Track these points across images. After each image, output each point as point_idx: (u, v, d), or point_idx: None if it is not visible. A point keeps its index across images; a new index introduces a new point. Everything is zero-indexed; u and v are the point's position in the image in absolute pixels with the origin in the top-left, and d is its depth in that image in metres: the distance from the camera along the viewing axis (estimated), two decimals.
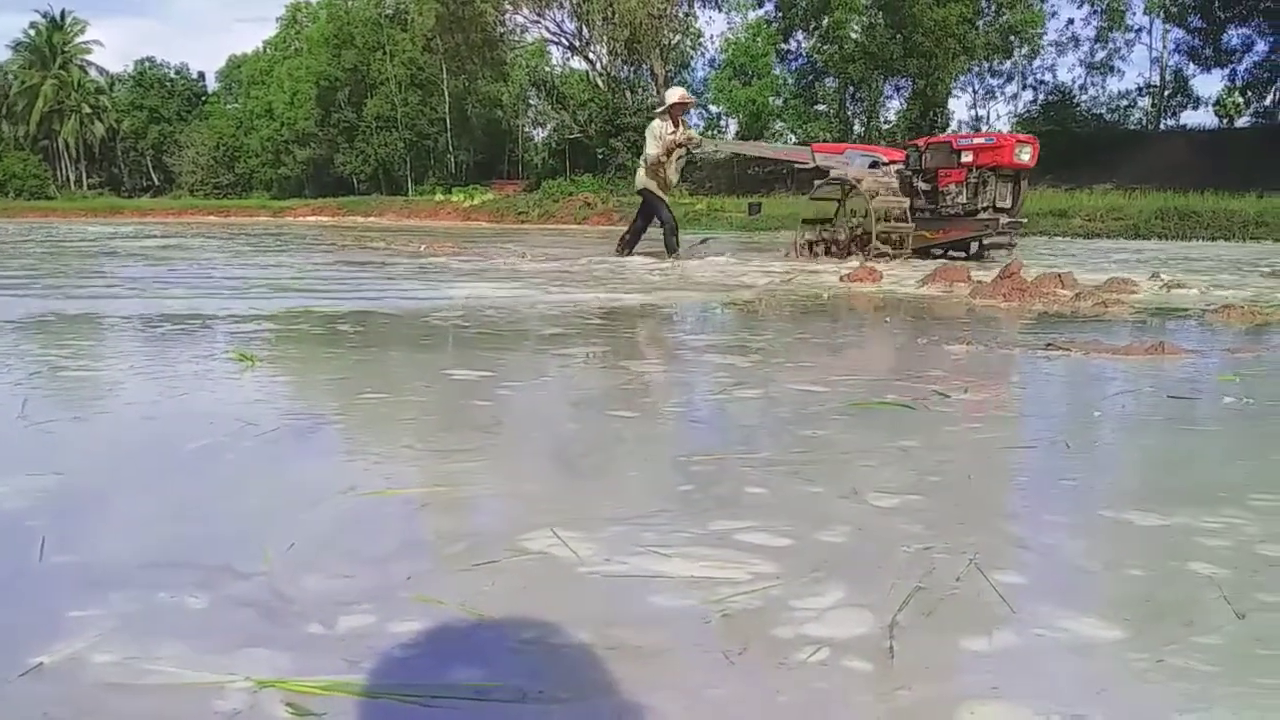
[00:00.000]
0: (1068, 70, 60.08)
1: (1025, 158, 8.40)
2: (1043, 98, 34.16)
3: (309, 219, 35.86)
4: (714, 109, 42.02)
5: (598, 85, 38.38)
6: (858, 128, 33.94)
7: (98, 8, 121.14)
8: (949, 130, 31.42)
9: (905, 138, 27.49)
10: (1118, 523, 1.52)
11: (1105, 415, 2.45)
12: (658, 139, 9.03)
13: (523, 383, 2.91)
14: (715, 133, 38.83)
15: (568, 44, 38.50)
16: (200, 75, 69.79)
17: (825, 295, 5.86)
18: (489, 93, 42.73)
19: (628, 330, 4.23)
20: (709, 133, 36.69)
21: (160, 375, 2.90)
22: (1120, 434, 2.26)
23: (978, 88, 35.13)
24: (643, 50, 34.88)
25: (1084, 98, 33.85)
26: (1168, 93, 32.46)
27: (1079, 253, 11.32)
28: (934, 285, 6.23)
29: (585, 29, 36.86)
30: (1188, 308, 5.10)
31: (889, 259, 8.34)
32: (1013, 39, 32.14)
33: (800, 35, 35.41)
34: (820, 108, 35.91)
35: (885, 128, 32.84)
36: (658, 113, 9.45)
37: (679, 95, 9.29)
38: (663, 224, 9.31)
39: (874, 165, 9.20)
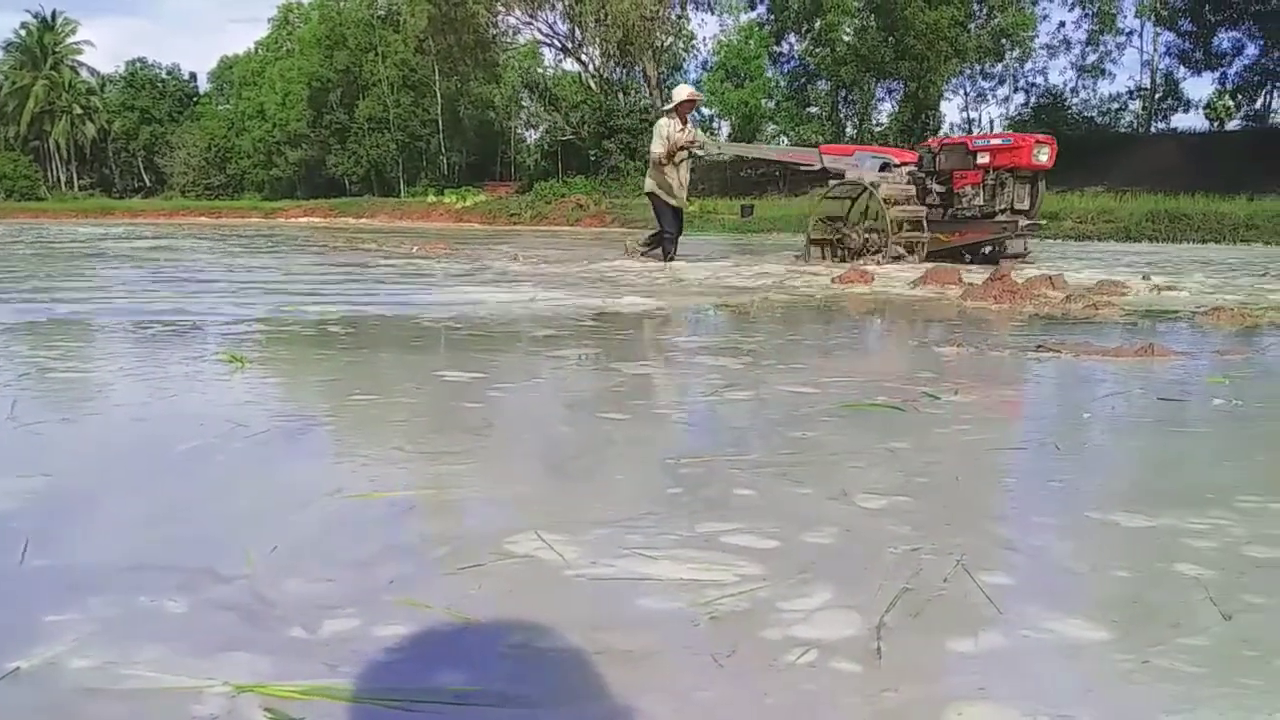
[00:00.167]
0: (1059, 73, 60.35)
1: (1044, 158, 8.25)
2: (1034, 100, 34.27)
3: (301, 220, 35.77)
4: (707, 111, 42.07)
5: (590, 87, 38.35)
6: (850, 130, 33.98)
7: (89, 8, 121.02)
8: (941, 132, 31.49)
9: (897, 141, 27.55)
10: (1105, 524, 1.52)
11: (1095, 417, 2.46)
12: (664, 138, 8.83)
13: (514, 384, 2.91)
14: (711, 134, 38.83)
15: (560, 46, 38.49)
16: (192, 76, 69.55)
17: (817, 297, 5.87)
18: (481, 94, 42.66)
19: (619, 332, 4.22)
20: (708, 134, 36.66)
21: (150, 377, 2.89)
22: (1109, 436, 2.27)
23: (969, 90, 35.22)
24: (635, 52, 34.87)
25: (1075, 101, 33.98)
26: (1158, 96, 32.54)
27: (1070, 254, 11.36)
28: (926, 287, 6.25)
29: (578, 31, 36.85)
30: (1178, 310, 5.12)
31: (901, 261, 8.19)
32: (1004, 42, 32.19)
33: (792, 38, 35.46)
34: (812, 110, 35.96)
35: (877, 130, 32.88)
36: (665, 110, 9.26)
37: (688, 93, 9.13)
38: (662, 230, 9.25)
39: (884, 167, 8.98)
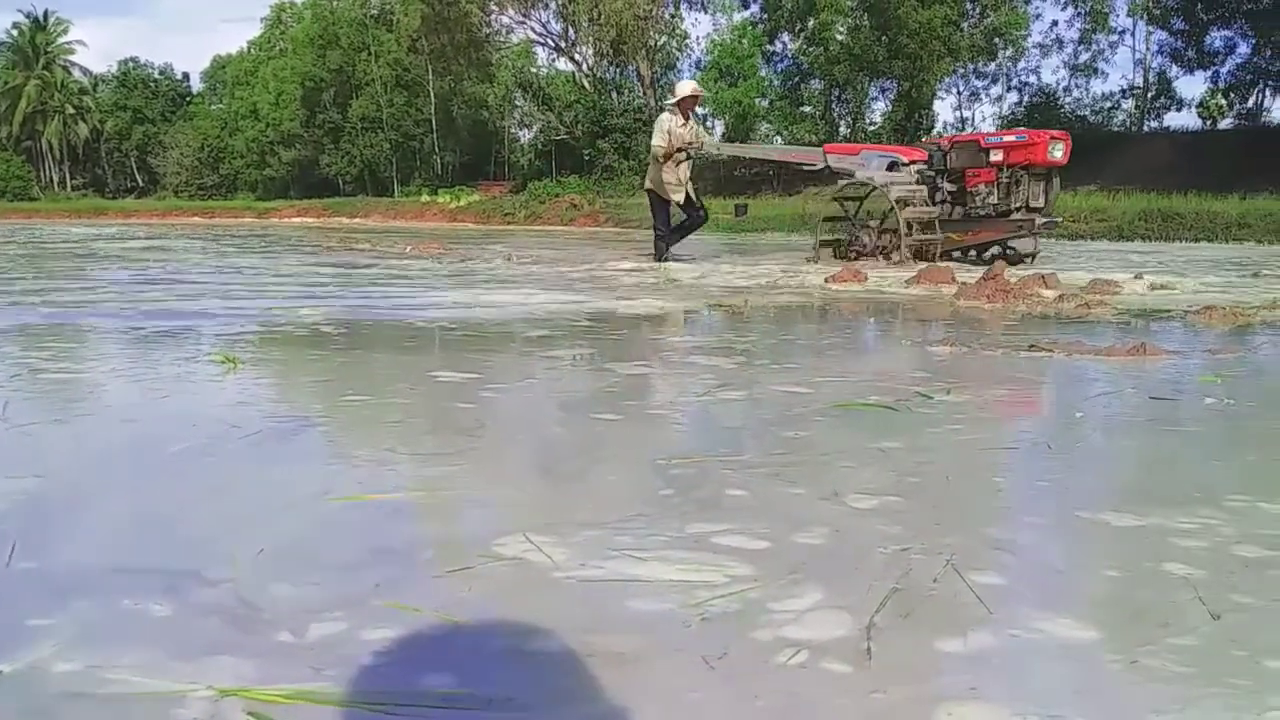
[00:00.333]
0: (1051, 72, 60.65)
1: (1059, 155, 8.09)
2: (1027, 99, 34.28)
3: (294, 220, 35.65)
4: (700, 110, 41.96)
5: (584, 86, 38.28)
6: (843, 129, 33.99)
7: (81, 7, 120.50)
8: (934, 132, 31.52)
9: (890, 140, 27.55)
10: (1095, 524, 1.53)
11: (1087, 416, 2.47)
12: (664, 132, 8.70)
13: (507, 385, 2.91)
14: (705, 131, 38.76)
15: (553, 45, 38.40)
16: (184, 76, 69.13)
17: (811, 297, 5.88)
18: (475, 94, 42.53)
19: (613, 332, 4.22)
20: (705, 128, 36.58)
21: (142, 378, 2.89)
22: (1101, 435, 2.27)
23: (962, 89, 35.19)
24: (629, 51, 34.81)
25: (1068, 99, 33.93)
26: (1151, 94, 32.55)
27: (1063, 253, 11.37)
28: (919, 286, 6.26)
29: (571, 30, 36.78)
30: (1170, 309, 5.13)
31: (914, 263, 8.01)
32: (997, 41, 32.19)
33: (786, 37, 35.43)
34: (806, 109, 35.92)
35: (871, 129, 32.88)
36: (668, 105, 9.14)
37: (691, 88, 8.96)
38: (656, 227, 9.23)
39: (892, 166, 8.79)
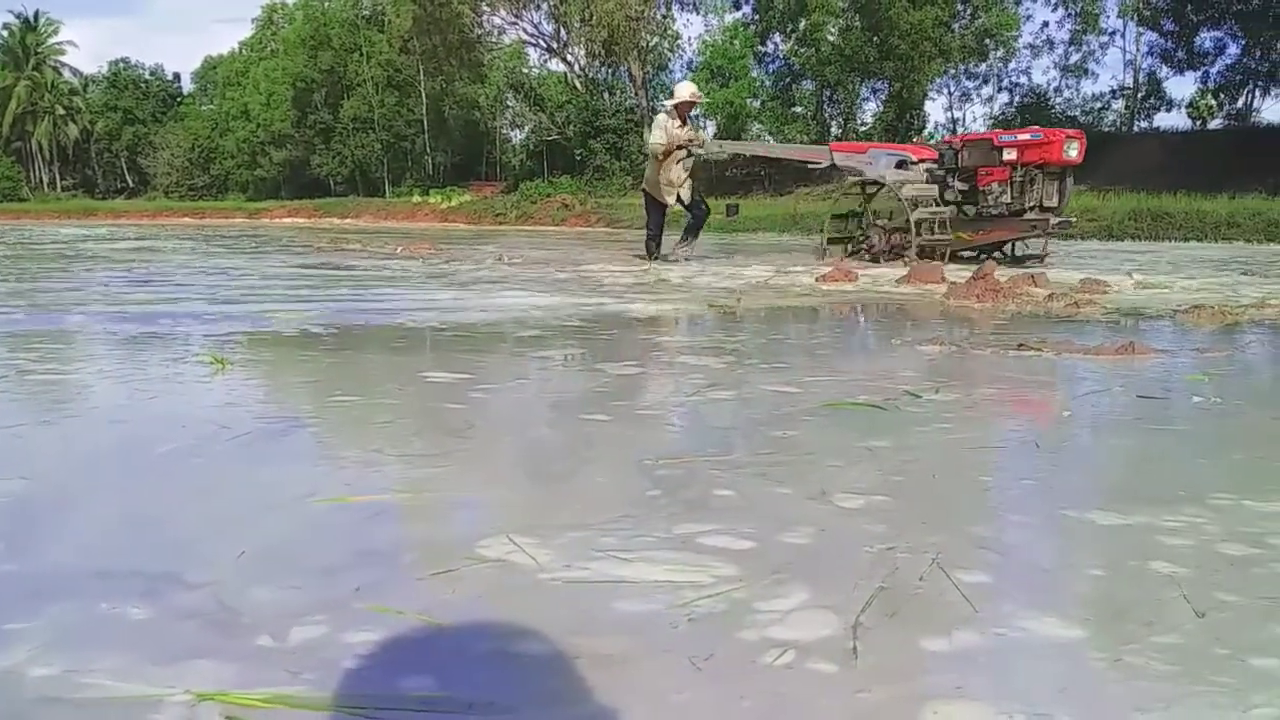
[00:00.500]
0: (1042, 73, 60.67)
1: (1074, 154, 8.06)
2: (1018, 100, 34.38)
3: (285, 221, 35.57)
4: (694, 112, 41.98)
5: (575, 87, 38.27)
6: (835, 130, 34.01)
7: (71, 8, 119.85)
8: (926, 132, 31.62)
9: (882, 140, 27.58)
10: (1081, 522, 1.53)
11: (1075, 415, 2.47)
12: (663, 130, 8.57)
13: (497, 385, 2.90)
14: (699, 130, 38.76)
15: (545, 46, 38.35)
16: (175, 76, 68.87)
17: (802, 296, 5.88)
18: (466, 94, 42.45)
19: (604, 332, 4.22)
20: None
21: (131, 379, 2.88)
22: (1089, 434, 2.28)
23: (953, 90, 35.27)
24: (620, 52, 34.79)
25: (1059, 100, 34.03)
26: (1141, 95, 32.67)
27: (1053, 253, 11.38)
28: (909, 286, 6.28)
29: (563, 31, 36.76)
30: (1159, 308, 5.15)
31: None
32: (988, 42, 32.25)
33: (777, 37, 35.42)
34: (797, 110, 35.94)
35: (862, 130, 32.91)
36: (666, 107, 8.98)
37: (689, 92, 8.83)
38: (648, 227, 9.20)
39: (901, 164, 8.71)
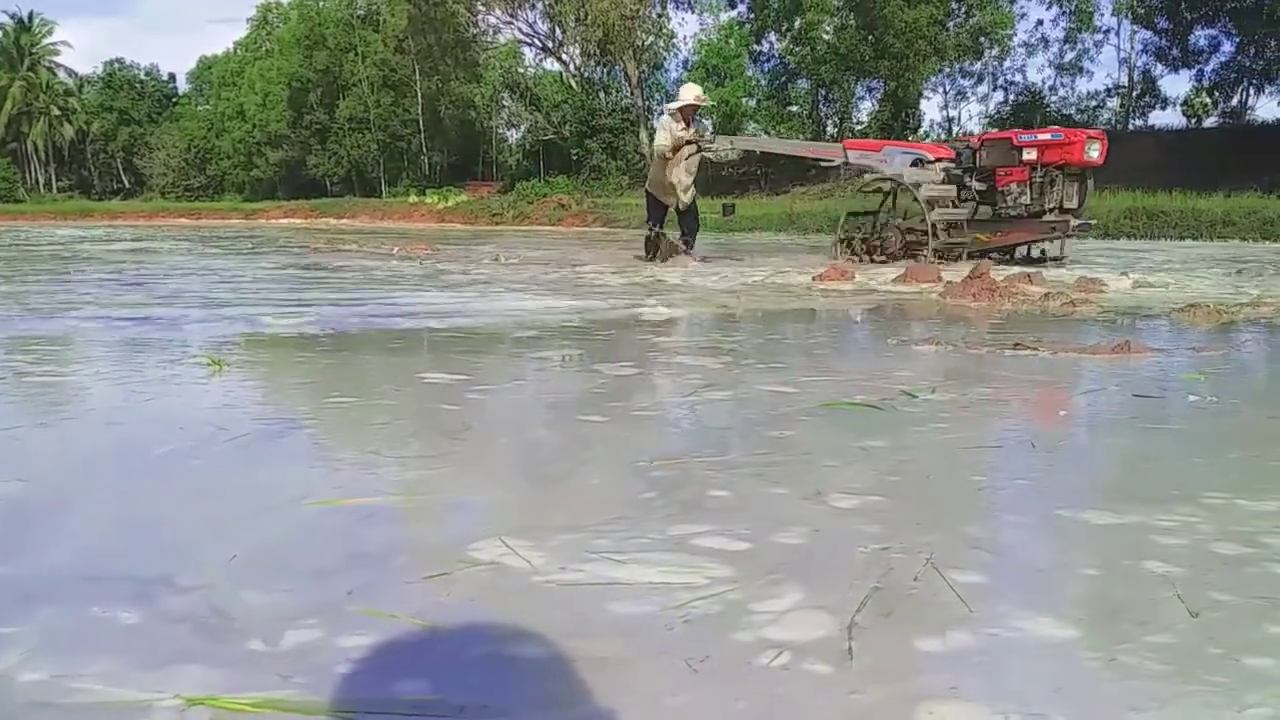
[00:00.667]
0: (1037, 71, 61.02)
1: (1095, 155, 7.97)
2: (1013, 98, 34.43)
3: (281, 221, 35.50)
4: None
5: (571, 87, 38.27)
6: (830, 129, 34.04)
7: (66, 8, 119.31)
8: (920, 131, 31.63)
9: (877, 139, 27.58)
10: (1076, 522, 1.54)
11: (1071, 414, 2.48)
12: (668, 130, 8.41)
13: (494, 386, 2.90)
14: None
15: (540, 45, 38.30)
16: (171, 77, 68.65)
17: (799, 296, 5.89)
18: (462, 94, 42.39)
19: (601, 333, 4.22)
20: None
21: (128, 381, 2.88)
22: (1085, 433, 2.29)
23: (948, 89, 35.31)
24: (616, 52, 34.73)
25: (1053, 98, 34.08)
26: (1136, 93, 32.71)
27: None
28: (905, 285, 6.29)
29: (558, 30, 36.70)
30: (1155, 307, 5.16)
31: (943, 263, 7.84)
32: (983, 40, 32.28)
33: (773, 36, 35.41)
34: (793, 109, 35.97)
35: (858, 128, 32.93)
36: (670, 109, 8.78)
37: (694, 95, 8.64)
38: (649, 225, 9.19)
39: (917, 163, 8.57)
